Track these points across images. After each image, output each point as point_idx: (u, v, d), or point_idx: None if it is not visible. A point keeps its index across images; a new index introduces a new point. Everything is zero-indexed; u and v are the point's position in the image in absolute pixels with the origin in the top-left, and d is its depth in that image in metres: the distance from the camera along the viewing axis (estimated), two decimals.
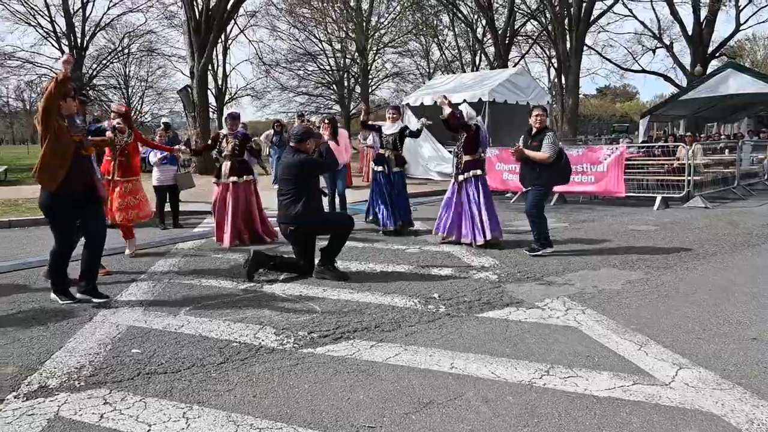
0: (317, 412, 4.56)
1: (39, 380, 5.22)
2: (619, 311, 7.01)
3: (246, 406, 4.69)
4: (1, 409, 4.67)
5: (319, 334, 6.30)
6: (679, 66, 47.58)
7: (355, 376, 5.24)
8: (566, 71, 37.91)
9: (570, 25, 36.19)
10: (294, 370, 5.41)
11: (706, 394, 4.74)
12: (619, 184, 16.57)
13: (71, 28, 47.56)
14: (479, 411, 4.54)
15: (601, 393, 4.80)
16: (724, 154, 21.82)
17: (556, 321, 6.67)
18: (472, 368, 5.36)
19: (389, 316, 6.89)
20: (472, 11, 49.32)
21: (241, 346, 6.00)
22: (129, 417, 4.51)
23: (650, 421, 4.34)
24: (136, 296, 7.94)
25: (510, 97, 23.04)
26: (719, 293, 7.72)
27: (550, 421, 4.37)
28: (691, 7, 42.88)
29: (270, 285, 8.47)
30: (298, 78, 62.21)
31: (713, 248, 10.60)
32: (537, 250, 10.17)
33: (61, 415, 4.56)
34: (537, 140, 10.15)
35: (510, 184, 18.41)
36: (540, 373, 5.21)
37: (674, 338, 6.05)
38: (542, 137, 10.09)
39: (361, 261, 9.90)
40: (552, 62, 58.97)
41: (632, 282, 8.36)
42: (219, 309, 7.33)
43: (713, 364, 5.36)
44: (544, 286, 8.24)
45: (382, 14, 54.96)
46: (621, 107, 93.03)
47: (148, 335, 6.36)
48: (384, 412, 4.56)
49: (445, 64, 60.53)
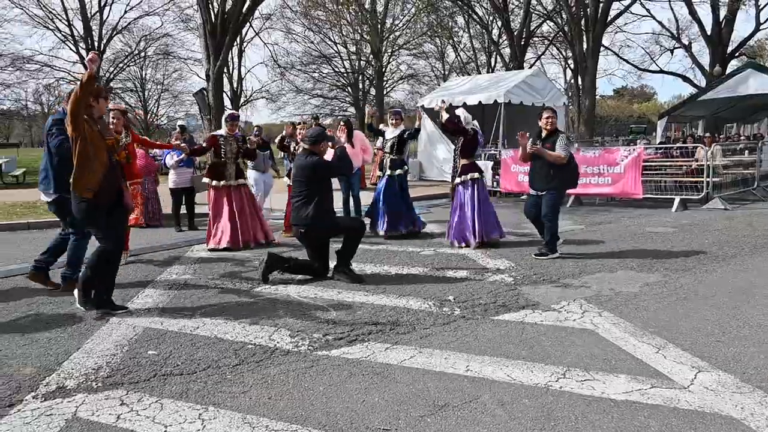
0: (332, 415, 4.55)
1: (57, 381, 5.25)
2: (637, 314, 6.96)
3: (261, 407, 4.69)
4: (20, 409, 4.72)
5: (334, 336, 6.29)
6: (697, 66, 47.31)
7: (370, 379, 5.22)
8: (583, 72, 37.78)
9: (586, 26, 36.07)
10: (309, 372, 5.41)
11: (725, 398, 4.69)
12: (637, 185, 16.49)
13: (89, 31, 47.92)
14: (495, 414, 4.51)
15: (618, 396, 4.75)
16: (744, 155, 21.69)
17: (572, 324, 6.63)
18: (488, 371, 5.33)
19: (404, 319, 6.87)
20: (487, 12, 49.24)
21: (256, 348, 6.01)
22: (145, 418, 4.53)
23: (669, 425, 4.29)
24: (152, 298, 7.96)
25: (526, 99, 22.99)
26: (739, 296, 7.66)
27: (566, 424, 4.33)
28: (710, 7, 42.63)
29: (285, 287, 8.47)
30: (313, 80, 62.37)
31: (733, 250, 10.52)
32: (546, 255, 10.13)
33: (79, 416, 4.59)
34: (549, 142, 10.08)
35: (525, 186, 18.34)
36: (556, 376, 5.17)
37: (693, 341, 6.00)
38: (554, 139, 10.03)
39: (375, 263, 9.88)
40: (568, 63, 58.83)
41: (650, 284, 8.30)
42: (234, 311, 7.35)
43: (733, 368, 5.30)
44: (560, 288, 8.20)
45: (396, 16, 55.07)
46: (638, 108, 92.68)
47: (164, 337, 6.39)
48: (399, 414, 4.54)
49: (460, 66, 60.53)
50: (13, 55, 45.92)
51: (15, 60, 46.16)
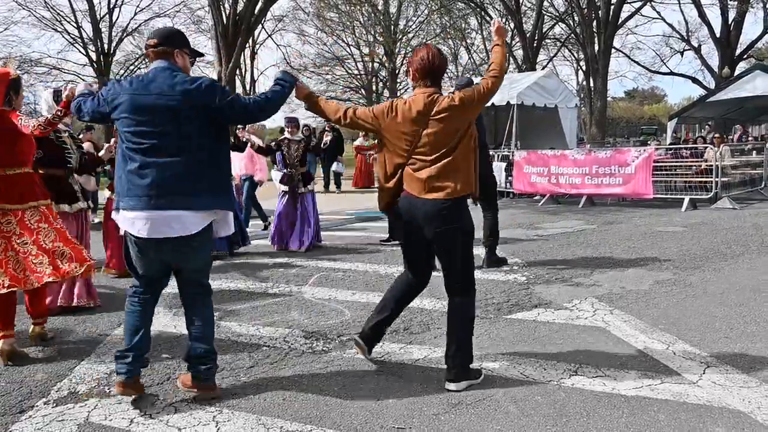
0: (347, 415, 4.62)
1: (69, 386, 5.25)
2: (647, 311, 7.04)
3: (276, 409, 4.74)
4: (32, 415, 4.72)
5: (348, 337, 6.33)
6: (707, 68, 47.15)
7: (385, 379, 5.30)
8: (594, 74, 37.80)
9: (598, 28, 36.11)
10: (323, 373, 5.47)
11: (733, 392, 4.78)
12: (647, 185, 16.52)
13: (98, 33, 47.57)
14: (508, 411, 4.60)
15: (629, 392, 4.84)
16: (752, 156, 21.68)
17: (584, 321, 6.72)
18: (501, 369, 5.42)
19: (418, 319, 6.96)
20: (500, 14, 49.14)
21: (270, 350, 6.07)
22: (159, 421, 4.57)
23: (678, 418, 4.38)
24: (165, 301, 7.86)
25: (538, 100, 22.96)
26: (747, 293, 7.73)
27: (578, 420, 4.42)
28: (719, 9, 42.59)
29: (299, 289, 8.57)
30: (326, 82, 62.22)
31: (741, 249, 10.57)
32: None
33: (91, 421, 4.60)
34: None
35: (538, 187, 18.42)
36: (568, 373, 5.26)
37: (702, 337, 6.08)
38: None
39: (390, 264, 9.98)
40: (580, 65, 58.56)
41: (660, 282, 8.38)
42: (248, 313, 7.42)
43: (740, 363, 5.39)
44: (572, 287, 8.29)
45: (409, 18, 55.00)
46: (648, 110, 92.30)
47: (178, 340, 6.40)
48: (413, 413, 4.62)
49: (473, 68, 60.39)
50: (20, 58, 45.84)
51: (23, 63, 45.93)
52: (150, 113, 4.60)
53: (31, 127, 5.85)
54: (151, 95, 4.61)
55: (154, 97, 4.61)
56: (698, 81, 48.78)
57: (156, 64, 4.81)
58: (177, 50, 4.90)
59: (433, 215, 4.98)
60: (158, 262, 4.89)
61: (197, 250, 4.88)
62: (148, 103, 4.60)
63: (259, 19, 31.52)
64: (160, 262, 4.88)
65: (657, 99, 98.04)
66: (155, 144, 4.59)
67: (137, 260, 4.90)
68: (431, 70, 5.08)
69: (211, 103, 4.66)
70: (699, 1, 43.12)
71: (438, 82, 5.16)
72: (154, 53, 4.83)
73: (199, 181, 4.68)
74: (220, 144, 4.92)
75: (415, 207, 5.09)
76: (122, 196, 4.69)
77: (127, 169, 4.65)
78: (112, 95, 4.75)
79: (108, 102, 4.78)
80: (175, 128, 4.60)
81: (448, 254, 5.12)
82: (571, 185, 17.95)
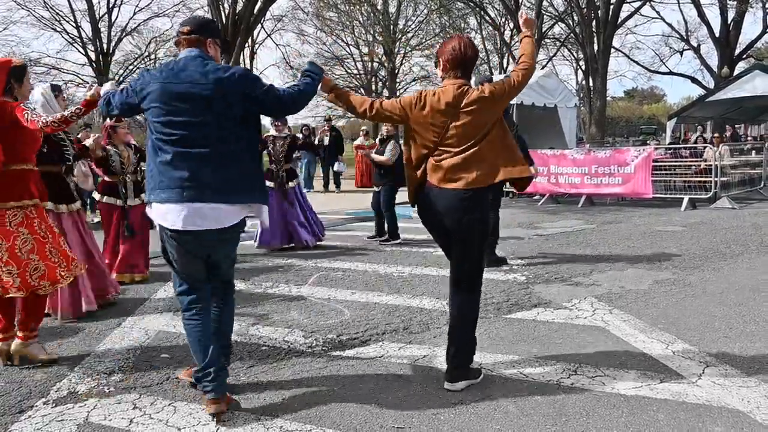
0: (346, 414, 4.62)
1: (68, 386, 5.25)
2: (646, 311, 7.04)
3: (275, 408, 4.74)
4: (31, 415, 4.71)
5: (348, 336, 6.36)
6: (706, 68, 47.25)
7: (384, 378, 5.30)
8: (594, 73, 37.79)
9: (597, 28, 36.12)
10: (323, 372, 5.47)
11: (732, 392, 4.78)
12: (647, 185, 16.54)
13: (97, 33, 47.40)
14: (507, 410, 4.61)
15: (628, 391, 4.85)
16: (751, 155, 21.70)
17: (583, 321, 6.72)
18: (501, 368, 5.43)
19: (417, 319, 6.96)
20: (499, 14, 49.17)
21: (270, 350, 6.06)
22: (159, 421, 4.56)
23: (677, 418, 4.39)
24: (165, 301, 7.99)
25: (538, 100, 22.94)
26: (746, 293, 7.73)
27: (577, 420, 4.43)
28: (719, 9, 42.61)
29: (298, 288, 8.57)
30: None
31: (740, 248, 10.58)
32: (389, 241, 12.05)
33: (91, 421, 4.60)
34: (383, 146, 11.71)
35: (538, 187, 18.41)
36: (568, 373, 5.27)
37: (701, 337, 6.09)
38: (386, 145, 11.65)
39: (389, 264, 9.99)
40: (580, 64, 58.58)
41: (659, 282, 8.38)
42: (247, 313, 7.40)
43: (739, 363, 5.39)
44: (571, 286, 8.29)
45: (409, 18, 54.96)
46: (648, 109, 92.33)
47: (177, 340, 6.38)
48: (413, 413, 4.62)
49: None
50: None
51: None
52: (181, 102, 4.46)
53: (41, 123, 5.51)
54: (183, 84, 4.48)
55: (186, 85, 4.47)
56: (697, 81, 48.85)
57: (186, 52, 4.70)
58: (210, 39, 4.81)
59: (454, 205, 4.93)
60: (195, 258, 4.72)
61: (227, 242, 4.82)
62: (180, 92, 4.46)
63: (258, 19, 31.49)
64: (196, 257, 4.71)
65: (656, 99, 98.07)
66: (186, 135, 4.47)
67: (175, 257, 4.74)
68: (463, 61, 5.02)
69: (250, 92, 4.55)
70: (698, 1, 43.22)
71: (468, 74, 5.10)
72: (187, 41, 4.74)
73: (234, 173, 4.56)
74: (253, 135, 4.83)
75: (435, 197, 5.04)
76: (154, 189, 4.54)
77: (158, 161, 4.52)
78: (141, 85, 4.62)
79: (137, 92, 4.64)
80: (207, 118, 4.47)
81: (464, 243, 5.05)
82: (571, 185, 17.98)
